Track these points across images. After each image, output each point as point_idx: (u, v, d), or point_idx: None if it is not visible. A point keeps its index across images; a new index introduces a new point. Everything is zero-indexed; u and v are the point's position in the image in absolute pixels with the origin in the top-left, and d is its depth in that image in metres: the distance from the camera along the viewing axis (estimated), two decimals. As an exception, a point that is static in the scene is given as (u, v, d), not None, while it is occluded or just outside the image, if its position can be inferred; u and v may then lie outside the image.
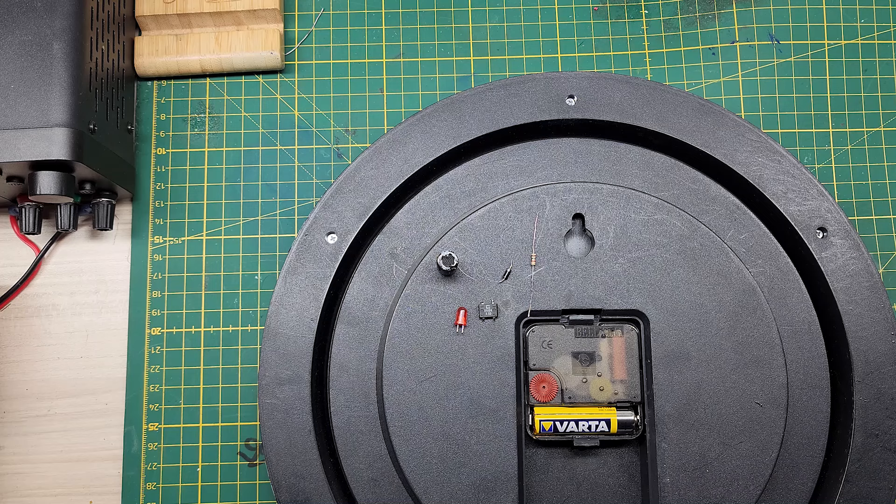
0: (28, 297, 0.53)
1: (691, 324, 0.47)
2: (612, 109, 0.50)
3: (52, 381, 0.52)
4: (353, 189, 0.49)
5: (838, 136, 0.54)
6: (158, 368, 0.51)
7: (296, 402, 0.46)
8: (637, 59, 0.55)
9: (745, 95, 0.54)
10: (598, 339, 0.47)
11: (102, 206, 0.51)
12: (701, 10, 0.56)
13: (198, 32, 0.54)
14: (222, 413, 0.51)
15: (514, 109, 0.50)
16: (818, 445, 0.46)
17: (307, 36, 0.56)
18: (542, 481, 0.46)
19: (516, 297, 0.47)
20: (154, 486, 0.50)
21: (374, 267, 0.48)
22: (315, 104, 0.55)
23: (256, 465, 0.50)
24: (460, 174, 0.50)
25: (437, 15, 0.56)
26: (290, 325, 0.47)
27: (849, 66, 0.55)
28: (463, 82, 0.55)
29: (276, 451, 0.46)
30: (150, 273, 0.52)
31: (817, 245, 0.48)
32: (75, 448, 0.51)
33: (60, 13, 0.47)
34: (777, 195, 0.49)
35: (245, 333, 0.52)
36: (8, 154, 0.45)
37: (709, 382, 0.46)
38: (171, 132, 0.54)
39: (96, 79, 0.49)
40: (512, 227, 0.48)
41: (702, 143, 0.49)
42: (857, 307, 0.47)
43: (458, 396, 0.46)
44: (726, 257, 0.47)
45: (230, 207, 0.53)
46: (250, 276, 0.52)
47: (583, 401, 0.47)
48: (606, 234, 0.48)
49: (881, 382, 0.46)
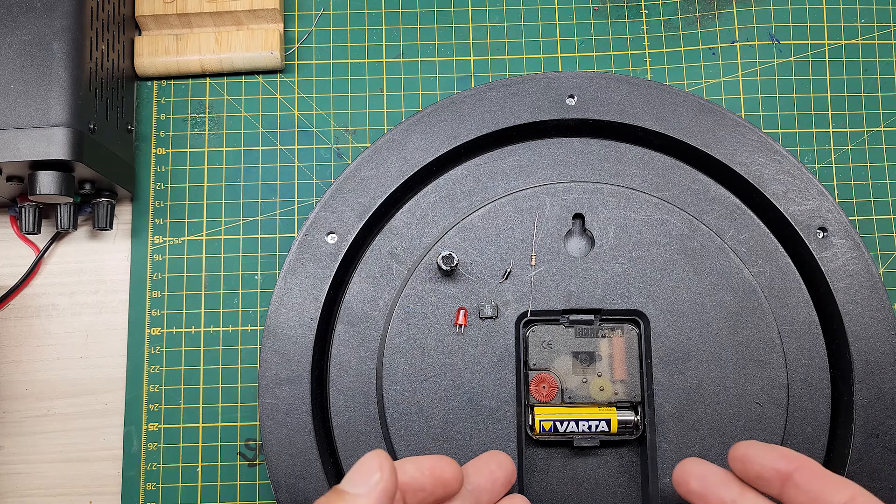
0: (28, 297, 0.53)
1: (691, 324, 0.47)
2: (612, 109, 0.50)
3: (52, 381, 0.52)
4: (353, 189, 0.49)
5: (838, 136, 0.54)
6: (158, 368, 0.51)
7: (296, 402, 0.46)
8: (637, 59, 0.55)
9: (745, 95, 0.54)
10: (599, 339, 0.47)
11: (102, 206, 0.51)
12: (701, 10, 0.56)
13: (198, 32, 0.54)
14: (222, 413, 0.51)
15: (514, 109, 0.50)
16: (818, 445, 0.46)
17: (307, 36, 0.56)
18: (542, 481, 0.46)
19: (516, 297, 0.47)
20: (154, 486, 0.50)
21: (374, 267, 0.48)
22: (315, 104, 0.55)
23: (256, 465, 0.50)
24: (460, 174, 0.50)
25: (437, 15, 0.56)
26: (290, 325, 0.47)
27: (849, 66, 0.55)
28: (463, 82, 0.55)
29: (276, 451, 0.46)
30: (150, 273, 0.52)
31: (817, 245, 0.48)
32: (75, 448, 0.51)
33: (60, 13, 0.47)
34: (777, 195, 0.49)
35: (245, 333, 0.52)
36: (8, 154, 0.45)
37: (709, 382, 0.46)
38: (170, 132, 0.54)
39: (96, 79, 0.48)
40: (512, 227, 0.48)
41: (702, 142, 0.49)
42: (857, 307, 0.47)
43: (458, 396, 0.46)
44: (726, 257, 0.47)
45: (230, 207, 0.53)
46: (250, 276, 0.52)
47: (583, 401, 0.47)
48: (606, 234, 0.48)
49: (881, 382, 0.46)
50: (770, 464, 0.37)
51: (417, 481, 0.36)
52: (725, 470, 0.39)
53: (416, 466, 0.37)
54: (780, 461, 0.37)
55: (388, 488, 0.32)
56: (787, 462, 0.37)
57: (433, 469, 0.37)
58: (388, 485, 0.32)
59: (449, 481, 0.37)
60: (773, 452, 0.38)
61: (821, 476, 0.36)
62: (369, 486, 0.31)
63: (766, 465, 0.37)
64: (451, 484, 0.37)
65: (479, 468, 0.40)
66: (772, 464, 0.37)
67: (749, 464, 0.38)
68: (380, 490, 0.32)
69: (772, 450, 0.38)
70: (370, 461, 0.32)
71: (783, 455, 0.37)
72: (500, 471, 0.40)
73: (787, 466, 0.37)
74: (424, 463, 0.37)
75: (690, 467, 0.40)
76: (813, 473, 0.36)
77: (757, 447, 0.38)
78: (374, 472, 0.32)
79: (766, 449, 0.38)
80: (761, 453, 0.38)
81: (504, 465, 0.41)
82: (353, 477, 0.32)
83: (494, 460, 0.41)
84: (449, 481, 0.37)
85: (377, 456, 0.32)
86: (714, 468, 0.39)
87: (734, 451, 0.39)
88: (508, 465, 0.41)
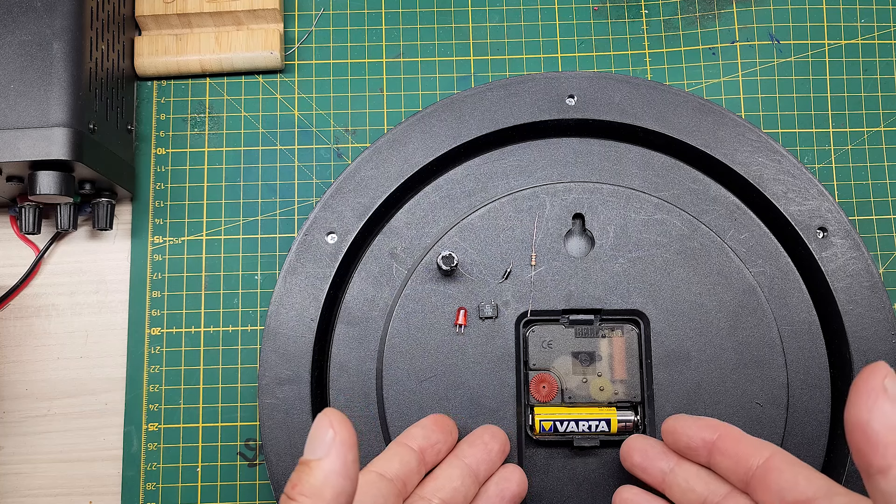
0: (28, 297, 0.53)
1: (691, 324, 0.47)
2: (612, 109, 0.50)
3: (52, 381, 0.52)
4: (353, 189, 0.49)
5: (838, 136, 0.54)
6: (158, 368, 0.51)
7: (296, 402, 0.46)
8: (637, 59, 0.55)
9: (745, 95, 0.54)
10: (598, 339, 0.47)
11: (102, 206, 0.51)
12: (701, 10, 0.56)
13: (198, 32, 0.54)
14: (222, 413, 0.51)
15: (514, 109, 0.50)
16: (818, 445, 0.46)
17: (307, 36, 0.56)
18: (542, 481, 0.46)
19: (516, 297, 0.47)
20: (154, 486, 0.50)
21: (374, 267, 0.48)
22: (315, 104, 0.55)
23: (256, 465, 0.50)
24: (460, 174, 0.50)
25: (437, 15, 0.56)
26: (290, 325, 0.47)
27: (849, 66, 0.55)
28: (463, 82, 0.55)
29: (276, 451, 0.46)
30: (150, 273, 0.52)
31: (817, 245, 0.48)
32: (75, 448, 0.51)
33: (60, 13, 0.47)
34: (777, 195, 0.49)
35: (245, 333, 0.52)
36: (8, 154, 0.45)
37: (709, 382, 0.46)
38: (170, 132, 0.54)
39: (96, 79, 0.48)
40: (512, 227, 0.48)
41: (702, 142, 0.49)
42: (857, 307, 0.47)
43: (458, 396, 0.46)
44: (726, 257, 0.47)
45: (230, 207, 0.53)
46: (250, 276, 0.52)
47: (583, 401, 0.47)
48: (606, 234, 0.48)
49: (881, 382, 0.46)
50: (695, 433, 0.40)
51: (429, 439, 0.42)
52: (663, 443, 0.42)
53: (419, 429, 0.42)
54: (705, 430, 0.40)
55: (347, 440, 0.31)
56: (710, 431, 0.40)
57: (435, 422, 0.43)
58: (345, 437, 0.31)
59: (451, 427, 0.43)
60: (697, 423, 0.40)
61: (742, 441, 0.39)
62: (327, 445, 0.31)
63: (692, 436, 0.40)
64: (453, 430, 0.43)
65: (472, 442, 0.43)
66: (697, 433, 0.40)
67: (678, 435, 0.41)
68: (339, 443, 0.31)
69: (697, 421, 0.40)
70: (320, 422, 0.31)
71: (708, 425, 0.40)
72: (494, 441, 0.43)
73: (711, 435, 0.39)
74: (426, 422, 0.43)
75: (634, 443, 0.43)
76: (734, 439, 0.39)
77: (684, 420, 0.41)
78: (326, 430, 0.31)
79: (692, 420, 0.41)
80: (688, 424, 0.40)
81: (497, 435, 0.44)
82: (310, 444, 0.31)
83: (487, 432, 0.44)
84: (451, 427, 0.43)
85: (325, 415, 0.31)
86: (654, 441, 0.42)
87: (665, 425, 0.42)
88: (501, 435, 0.44)
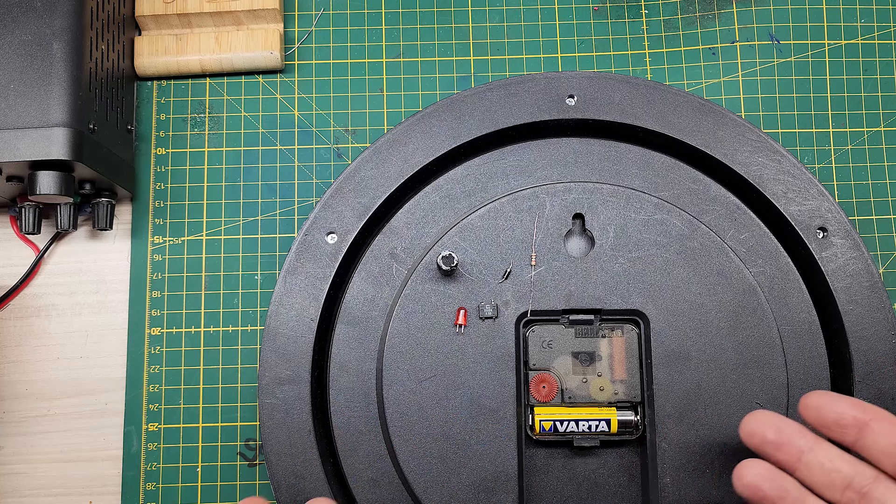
0: (28, 297, 0.53)
1: (691, 324, 0.47)
2: (612, 109, 0.50)
3: (52, 381, 0.52)
4: (353, 189, 0.49)
5: (838, 136, 0.54)
6: (158, 368, 0.51)
7: (296, 402, 0.46)
8: (637, 59, 0.55)
9: (745, 95, 0.54)
10: (598, 339, 0.47)
11: (102, 206, 0.51)
12: (701, 10, 0.56)
13: (198, 32, 0.54)
14: (222, 413, 0.51)
15: (514, 109, 0.50)
16: (818, 445, 0.46)
17: (307, 36, 0.56)
18: (542, 481, 0.46)
19: (516, 297, 0.47)
20: (154, 487, 0.50)
21: (374, 267, 0.48)
22: (315, 104, 0.55)
23: (256, 465, 0.50)
24: (460, 174, 0.50)
25: (437, 15, 0.56)
26: (290, 325, 0.47)
27: (849, 66, 0.55)
28: (463, 82, 0.55)
29: (276, 451, 0.46)
30: (150, 273, 0.52)
31: (817, 245, 0.48)
32: (75, 448, 0.51)
33: (60, 13, 0.47)
34: (777, 195, 0.49)
35: (245, 333, 0.52)
36: (8, 154, 0.45)
37: (709, 382, 0.46)
38: (170, 132, 0.54)
39: (96, 79, 0.48)
40: (512, 227, 0.48)
41: (702, 142, 0.49)
42: (857, 307, 0.47)
43: (458, 396, 0.46)
44: (726, 257, 0.47)
45: (230, 207, 0.53)
46: (250, 276, 0.52)
47: (583, 401, 0.47)
48: (606, 234, 0.48)
49: (881, 382, 0.46)
50: (847, 410, 0.38)
51: None
52: (796, 421, 0.40)
53: None
54: (857, 409, 0.38)
55: None
56: (862, 410, 0.38)
57: None
58: None
59: None
60: (847, 400, 0.39)
61: None
62: None
63: (843, 413, 0.38)
64: None
65: None
66: (849, 410, 0.38)
67: (824, 410, 0.39)
68: None
69: (844, 398, 0.39)
70: None
71: (857, 403, 0.38)
72: None
73: (865, 414, 0.38)
74: None
75: (763, 418, 0.40)
76: (892, 421, 0.38)
77: (830, 395, 0.39)
78: None
79: (839, 397, 0.39)
80: (835, 400, 0.39)
81: None
82: None
83: None
84: None
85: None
86: (786, 419, 0.40)
87: (808, 400, 0.39)
88: None
